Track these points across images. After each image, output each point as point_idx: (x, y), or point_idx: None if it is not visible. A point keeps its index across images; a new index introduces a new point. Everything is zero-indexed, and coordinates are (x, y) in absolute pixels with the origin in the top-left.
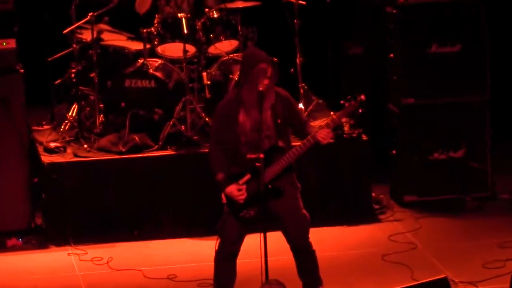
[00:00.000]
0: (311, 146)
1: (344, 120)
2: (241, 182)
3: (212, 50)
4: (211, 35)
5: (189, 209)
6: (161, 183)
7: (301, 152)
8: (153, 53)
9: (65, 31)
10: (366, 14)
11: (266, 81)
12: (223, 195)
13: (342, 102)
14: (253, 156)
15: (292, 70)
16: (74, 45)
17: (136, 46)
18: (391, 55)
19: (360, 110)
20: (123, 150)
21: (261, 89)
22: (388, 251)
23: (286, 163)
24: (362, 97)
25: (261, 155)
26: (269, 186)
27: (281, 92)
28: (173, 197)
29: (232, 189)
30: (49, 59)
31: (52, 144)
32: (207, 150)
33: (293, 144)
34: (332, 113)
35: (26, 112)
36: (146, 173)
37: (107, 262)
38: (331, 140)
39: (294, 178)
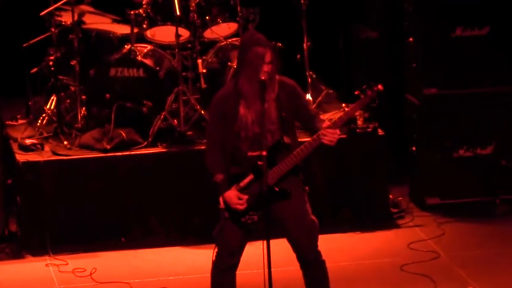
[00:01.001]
0: (317, 145)
1: (357, 113)
2: (242, 184)
3: (208, 34)
4: (207, 17)
5: (183, 213)
6: (151, 184)
7: (307, 152)
8: (141, 38)
9: (42, 13)
10: None
11: (266, 68)
12: (221, 199)
13: (357, 92)
14: (254, 154)
15: (299, 56)
16: (53, 29)
17: (122, 30)
18: (410, 39)
19: (376, 102)
20: (108, 147)
21: (262, 77)
22: (407, 260)
23: (292, 162)
24: (380, 87)
25: (264, 153)
26: (275, 188)
27: (286, 81)
28: (164, 200)
29: (231, 195)
30: (24, 45)
31: (28, 141)
32: (203, 147)
33: (300, 140)
34: (344, 105)
35: None
36: (134, 173)
37: (90, 274)
38: (343, 136)
39: (301, 179)
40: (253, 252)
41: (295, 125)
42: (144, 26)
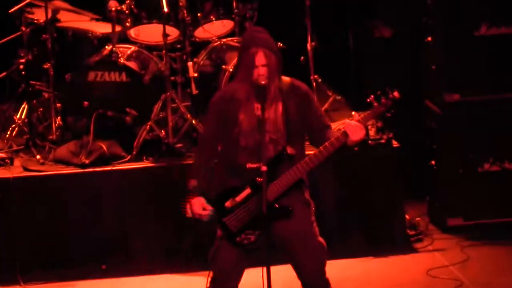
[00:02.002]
0: (332, 153)
1: (369, 122)
2: (238, 198)
3: (199, 33)
4: (199, 14)
5: (170, 236)
6: (135, 204)
7: (317, 162)
8: (124, 38)
9: (11, 10)
10: None
11: (261, 71)
12: (187, 207)
13: (369, 100)
14: (254, 165)
15: (302, 58)
16: (23, 28)
17: (102, 28)
18: (429, 38)
19: (392, 110)
20: (87, 162)
21: (262, 82)
22: None
23: (296, 176)
24: (396, 94)
25: (263, 168)
26: (275, 205)
27: (298, 85)
28: (150, 221)
29: (195, 203)
30: None
31: None
32: None
33: (307, 153)
34: (354, 113)
35: None
36: (115, 191)
37: None
38: (363, 137)
39: (306, 195)
40: (251, 280)
41: (304, 135)
42: (127, 24)
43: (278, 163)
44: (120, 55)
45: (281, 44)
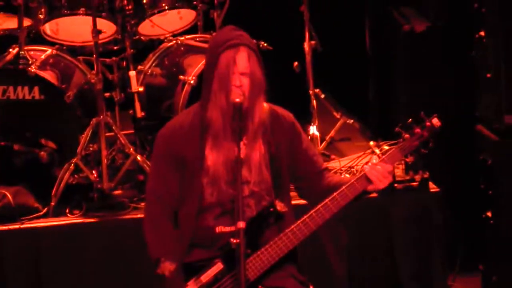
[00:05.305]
0: (344, 205)
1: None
2: (204, 278)
3: (146, 29)
4: (144, 1)
5: None
6: (54, 275)
7: (327, 217)
8: (37, 37)
9: None
10: None
11: (241, 83)
12: None
13: (397, 129)
14: (227, 229)
15: (296, 64)
16: None
17: (5, 23)
18: (482, 33)
19: (430, 145)
20: None
21: (237, 100)
22: None
23: (292, 242)
24: (435, 121)
25: (240, 224)
26: (259, 287)
27: (281, 115)
28: None
29: None
30: None
31: None
32: (140, 215)
33: (294, 203)
34: (373, 143)
35: None
36: (26, 257)
37: None
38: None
39: (301, 269)
40: None
41: (288, 182)
42: (41, 16)
43: (262, 225)
44: (30, 62)
45: (265, 44)
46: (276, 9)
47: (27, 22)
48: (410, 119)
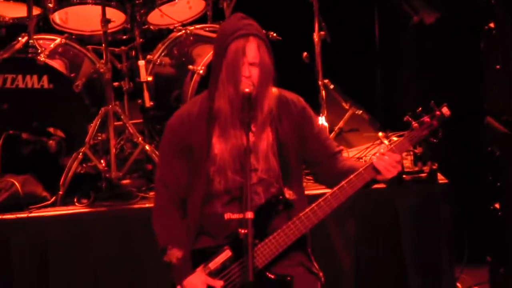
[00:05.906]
0: (353, 194)
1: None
2: (212, 265)
3: (155, 18)
4: None
5: None
6: (61, 265)
7: (335, 206)
8: (46, 25)
9: None
10: None
11: (250, 74)
12: None
13: (406, 118)
14: (235, 216)
15: (306, 54)
16: None
17: (14, 11)
18: (491, 25)
19: (439, 134)
20: None
21: (246, 90)
22: None
23: (300, 230)
24: (445, 110)
25: (248, 215)
26: (268, 274)
27: (291, 100)
28: None
29: (196, 282)
30: None
31: None
32: (148, 205)
33: (306, 193)
34: (381, 134)
35: None
36: (34, 247)
37: None
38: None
39: (310, 257)
40: None
41: (302, 170)
42: (50, 5)
43: (271, 213)
44: (39, 50)
45: (274, 34)
46: (286, 1)
47: (36, 11)
48: (420, 108)
